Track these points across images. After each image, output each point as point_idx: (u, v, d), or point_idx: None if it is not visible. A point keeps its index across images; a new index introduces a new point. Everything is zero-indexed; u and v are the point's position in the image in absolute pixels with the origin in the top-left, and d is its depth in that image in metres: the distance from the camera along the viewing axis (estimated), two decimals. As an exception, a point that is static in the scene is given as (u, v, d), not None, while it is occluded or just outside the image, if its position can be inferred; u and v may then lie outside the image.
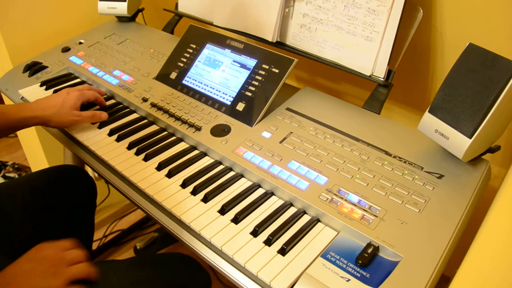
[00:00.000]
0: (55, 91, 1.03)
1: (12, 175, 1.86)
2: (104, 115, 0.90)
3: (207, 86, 0.92)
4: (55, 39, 1.26)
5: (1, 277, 0.59)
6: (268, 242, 0.62)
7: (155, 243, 1.48)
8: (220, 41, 0.95)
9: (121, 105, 0.98)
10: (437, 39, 0.91)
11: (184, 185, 0.74)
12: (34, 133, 1.36)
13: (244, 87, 0.87)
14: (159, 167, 0.78)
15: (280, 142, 0.78)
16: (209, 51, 0.96)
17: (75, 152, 0.89)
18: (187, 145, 0.84)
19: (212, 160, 0.80)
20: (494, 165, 0.79)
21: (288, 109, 0.87)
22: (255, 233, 0.64)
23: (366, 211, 0.64)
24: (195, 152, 0.82)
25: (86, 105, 0.94)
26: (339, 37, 0.90)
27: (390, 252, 0.58)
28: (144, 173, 0.77)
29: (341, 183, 0.69)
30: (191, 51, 0.99)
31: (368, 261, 0.57)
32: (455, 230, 0.60)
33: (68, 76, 1.10)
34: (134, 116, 0.94)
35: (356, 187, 0.68)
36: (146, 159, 0.80)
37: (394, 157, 0.73)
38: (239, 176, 0.75)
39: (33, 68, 1.12)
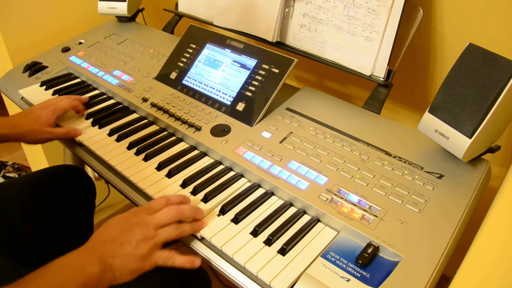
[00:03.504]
0: (55, 92, 1.03)
1: (12, 175, 1.86)
2: (78, 131, 0.88)
3: (207, 86, 0.92)
4: (55, 39, 1.26)
5: (91, 241, 0.59)
6: (268, 242, 0.62)
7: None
8: (220, 41, 0.95)
9: (121, 105, 0.98)
10: (437, 39, 0.91)
11: (184, 185, 0.74)
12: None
13: (244, 87, 0.87)
14: (159, 167, 0.78)
15: (280, 142, 0.78)
16: (209, 51, 0.96)
17: (75, 152, 0.89)
18: (187, 145, 0.84)
19: (212, 160, 0.80)
20: (494, 165, 0.79)
21: (288, 109, 0.87)
22: (255, 233, 0.64)
23: (366, 211, 0.64)
24: (195, 152, 0.82)
25: (85, 105, 0.94)
26: (339, 37, 0.90)
27: (390, 252, 0.58)
28: (144, 173, 0.77)
29: (341, 183, 0.69)
30: (191, 51, 0.99)
31: (368, 261, 0.57)
32: (455, 230, 0.60)
33: (68, 76, 1.10)
34: (134, 116, 0.94)
35: (356, 187, 0.68)
36: (146, 159, 0.80)
37: (394, 157, 0.73)
38: (239, 176, 0.75)
39: (33, 68, 1.12)
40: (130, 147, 0.84)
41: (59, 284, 0.52)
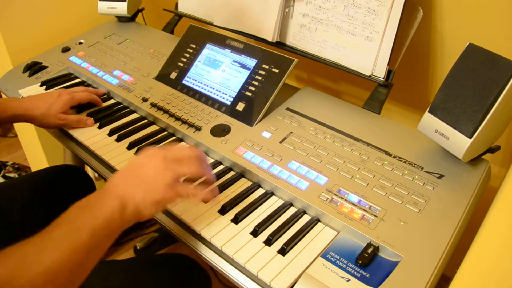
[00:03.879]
0: (55, 91, 1.03)
1: (12, 175, 1.86)
2: (90, 121, 0.89)
3: (207, 86, 0.92)
4: (55, 39, 1.26)
5: (110, 180, 0.58)
6: (268, 242, 0.62)
7: (155, 243, 1.48)
8: (220, 41, 0.95)
9: (121, 105, 0.98)
10: (437, 39, 0.91)
11: (184, 185, 0.74)
12: (34, 133, 1.36)
13: (244, 87, 0.87)
14: (159, 167, 0.78)
15: (280, 142, 0.78)
16: (209, 51, 0.96)
17: (75, 152, 0.89)
18: (187, 145, 0.84)
19: (212, 160, 0.80)
20: (494, 165, 0.79)
21: (288, 109, 0.87)
22: (255, 233, 0.64)
23: (366, 211, 0.64)
24: (195, 152, 0.82)
25: (86, 105, 0.94)
26: (339, 37, 0.90)
27: (390, 252, 0.58)
28: (144, 173, 0.77)
29: (341, 183, 0.69)
30: (191, 51, 0.99)
31: (368, 261, 0.57)
32: (455, 230, 0.60)
33: (68, 76, 1.10)
34: (134, 116, 0.94)
35: (356, 187, 0.68)
36: (146, 159, 0.80)
37: (394, 157, 0.73)
38: (239, 176, 0.75)
39: (33, 68, 1.12)
40: (130, 147, 0.84)
41: (83, 222, 0.51)
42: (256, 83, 0.86)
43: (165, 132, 0.88)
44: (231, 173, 0.77)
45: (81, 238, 0.50)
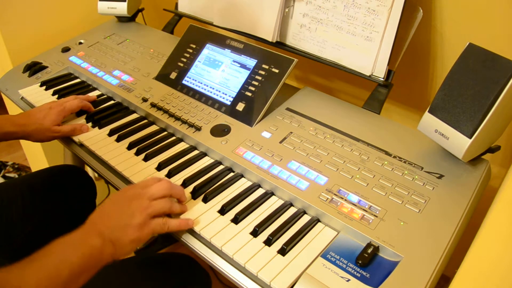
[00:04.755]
0: (55, 92, 1.03)
1: (12, 175, 1.86)
2: (84, 127, 0.89)
3: (207, 86, 0.92)
4: (55, 39, 1.26)
5: (89, 219, 0.61)
6: (268, 242, 0.62)
7: (155, 243, 1.48)
8: (220, 41, 0.95)
9: (121, 105, 0.98)
10: (437, 39, 0.91)
11: (184, 185, 0.74)
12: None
13: (244, 87, 0.87)
14: (159, 167, 0.78)
15: (280, 142, 0.78)
16: (209, 51, 0.96)
17: (75, 152, 0.89)
18: (187, 145, 0.84)
19: (212, 160, 0.80)
20: (494, 165, 0.79)
21: (288, 109, 0.87)
22: (255, 233, 0.64)
23: (366, 211, 0.64)
24: (195, 152, 0.82)
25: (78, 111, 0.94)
26: (339, 37, 0.90)
27: (390, 252, 0.58)
28: (144, 173, 0.77)
29: (341, 183, 0.69)
30: (191, 51, 0.99)
31: (368, 261, 0.57)
32: (455, 230, 0.60)
33: (68, 76, 1.10)
34: (134, 116, 0.94)
35: (356, 187, 0.68)
36: (146, 159, 0.80)
37: (394, 157, 0.73)
38: (239, 176, 0.75)
39: (33, 68, 1.12)
40: (130, 147, 0.84)
41: (62, 259, 0.54)
42: (256, 83, 0.86)
43: (165, 132, 0.88)
44: (231, 173, 0.76)
45: (60, 274, 0.53)
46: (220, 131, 0.83)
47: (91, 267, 0.57)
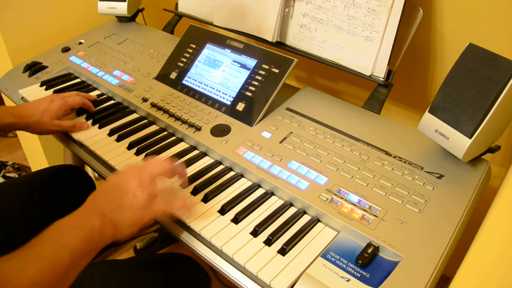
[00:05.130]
0: (55, 92, 1.03)
1: (12, 175, 1.86)
2: (85, 125, 0.89)
3: (207, 86, 0.92)
4: (55, 39, 1.26)
5: (89, 200, 0.60)
6: (268, 242, 0.62)
7: (155, 243, 1.48)
8: (220, 41, 0.95)
9: (121, 105, 0.98)
10: (437, 39, 0.91)
11: (184, 185, 0.74)
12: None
13: (244, 87, 0.87)
14: (159, 167, 0.78)
15: (280, 142, 0.78)
16: (209, 51, 0.96)
17: (75, 152, 0.89)
18: (187, 145, 0.84)
19: (212, 160, 0.80)
20: (494, 165, 0.79)
21: (288, 109, 0.87)
22: (255, 233, 0.64)
23: (366, 211, 0.64)
24: (195, 152, 0.82)
25: (79, 109, 0.94)
26: (339, 37, 0.90)
27: (390, 252, 0.58)
28: (144, 173, 0.77)
29: (341, 183, 0.69)
30: (191, 51, 0.99)
31: (368, 261, 0.57)
32: (455, 230, 0.60)
33: (68, 76, 1.10)
34: (134, 116, 0.94)
35: (356, 187, 0.68)
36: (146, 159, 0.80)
37: (394, 157, 0.73)
38: (239, 176, 0.75)
39: (33, 68, 1.12)
40: (130, 147, 0.84)
41: (62, 242, 0.52)
42: (256, 83, 0.86)
43: (165, 132, 0.88)
44: (231, 173, 0.76)
45: (61, 257, 0.51)
46: (220, 131, 0.83)
47: (92, 249, 0.55)
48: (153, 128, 0.90)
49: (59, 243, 0.52)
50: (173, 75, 0.98)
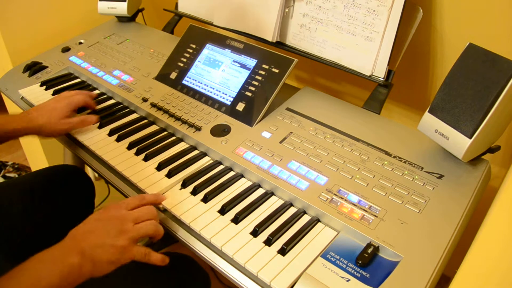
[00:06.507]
0: (55, 92, 1.03)
1: (12, 175, 1.86)
2: (93, 118, 0.90)
3: (207, 86, 0.92)
4: (55, 39, 1.26)
5: (71, 235, 0.61)
6: (268, 242, 0.62)
7: (155, 243, 1.47)
8: (220, 41, 0.95)
9: (121, 105, 0.98)
10: (437, 39, 0.91)
11: (184, 185, 0.74)
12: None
13: (244, 87, 0.87)
14: (159, 167, 0.78)
15: (280, 142, 0.78)
16: (209, 51, 0.96)
17: (75, 152, 0.89)
18: (187, 145, 0.84)
19: (212, 160, 0.80)
20: (494, 165, 0.79)
21: (288, 109, 0.87)
22: (255, 233, 0.64)
23: (366, 211, 0.64)
24: (195, 152, 0.82)
25: (78, 108, 0.94)
26: (339, 37, 0.90)
27: (390, 252, 0.58)
28: (144, 173, 0.77)
29: (341, 183, 0.69)
30: (191, 51, 0.99)
31: (368, 261, 0.57)
32: (455, 230, 0.60)
33: (68, 76, 1.10)
34: (134, 116, 0.94)
35: (356, 187, 0.68)
36: (146, 159, 0.80)
37: (394, 157, 0.73)
38: (239, 176, 0.75)
39: (33, 68, 1.12)
40: (130, 147, 0.84)
41: (40, 276, 0.53)
42: (256, 83, 0.86)
43: (165, 132, 0.88)
44: (231, 173, 0.77)
45: None
46: (220, 131, 0.83)
47: (69, 284, 0.56)
48: (153, 128, 0.90)
49: (37, 276, 0.53)
50: (173, 75, 0.98)
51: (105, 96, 1.02)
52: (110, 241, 0.60)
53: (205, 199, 0.70)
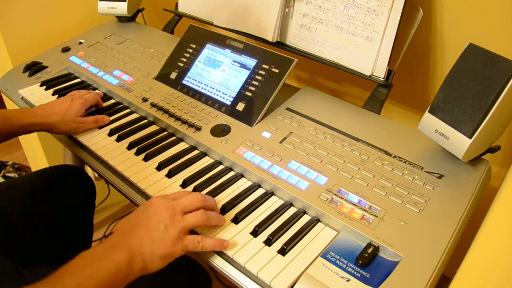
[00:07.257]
0: (55, 91, 1.03)
1: (12, 175, 1.86)
2: (106, 119, 0.91)
3: (207, 86, 0.92)
4: (55, 39, 1.26)
5: (117, 230, 0.58)
6: (268, 242, 0.62)
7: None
8: (220, 41, 0.95)
9: (121, 105, 0.98)
10: (437, 39, 0.91)
11: (184, 185, 0.74)
12: (34, 133, 1.36)
13: (244, 87, 0.87)
14: (159, 167, 0.78)
15: (280, 142, 0.78)
16: (209, 51, 0.96)
17: (75, 152, 0.89)
18: (187, 145, 0.84)
19: (212, 160, 0.80)
20: (494, 165, 0.79)
21: (288, 109, 0.87)
22: (255, 233, 0.64)
23: (366, 211, 0.64)
24: (195, 152, 0.82)
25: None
26: (339, 37, 0.90)
27: (390, 252, 0.58)
28: (144, 173, 0.77)
29: (341, 183, 0.69)
30: (191, 51, 0.99)
31: (368, 261, 0.57)
32: (455, 230, 0.60)
33: (68, 76, 1.10)
34: (134, 116, 0.94)
35: (356, 187, 0.68)
36: (146, 159, 0.80)
37: (394, 157, 0.73)
38: (239, 176, 0.75)
39: (33, 68, 1.12)
40: (130, 147, 0.84)
41: (87, 276, 0.50)
42: (256, 83, 0.86)
43: (165, 132, 0.88)
44: (231, 173, 0.77)
45: None
46: (220, 131, 0.83)
47: (119, 282, 0.53)
48: (153, 128, 0.90)
49: (84, 276, 0.50)
50: (173, 75, 0.98)
51: (105, 96, 1.02)
52: (159, 234, 0.56)
53: (205, 199, 0.70)
